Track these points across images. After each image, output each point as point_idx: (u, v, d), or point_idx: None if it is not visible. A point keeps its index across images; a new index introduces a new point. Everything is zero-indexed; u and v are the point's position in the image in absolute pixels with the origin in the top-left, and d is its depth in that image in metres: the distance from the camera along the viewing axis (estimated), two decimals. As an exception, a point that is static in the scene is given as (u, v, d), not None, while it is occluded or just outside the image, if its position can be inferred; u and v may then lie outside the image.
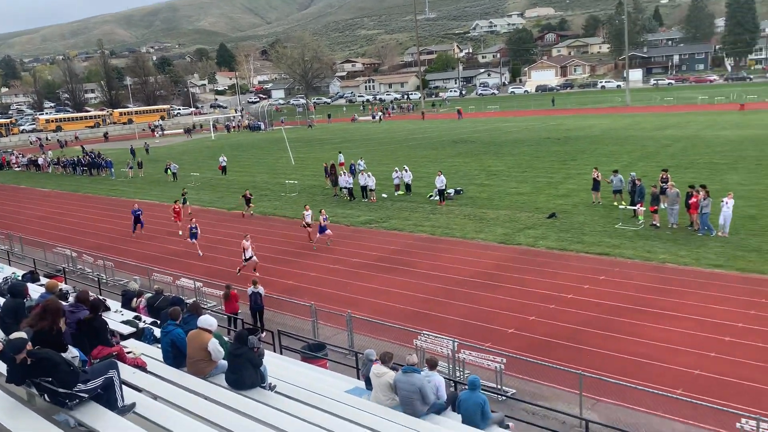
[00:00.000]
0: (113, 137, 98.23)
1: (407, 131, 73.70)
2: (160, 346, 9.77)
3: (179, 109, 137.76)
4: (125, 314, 13.17)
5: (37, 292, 12.09)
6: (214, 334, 8.92)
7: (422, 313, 17.70)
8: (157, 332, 10.96)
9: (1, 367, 7.41)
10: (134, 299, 15.25)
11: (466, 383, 9.81)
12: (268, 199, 36.95)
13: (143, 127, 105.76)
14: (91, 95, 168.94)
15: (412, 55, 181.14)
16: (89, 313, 8.75)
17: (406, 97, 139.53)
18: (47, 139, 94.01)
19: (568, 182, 34.63)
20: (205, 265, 24.01)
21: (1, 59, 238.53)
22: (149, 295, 15.32)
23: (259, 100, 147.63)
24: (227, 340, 9.79)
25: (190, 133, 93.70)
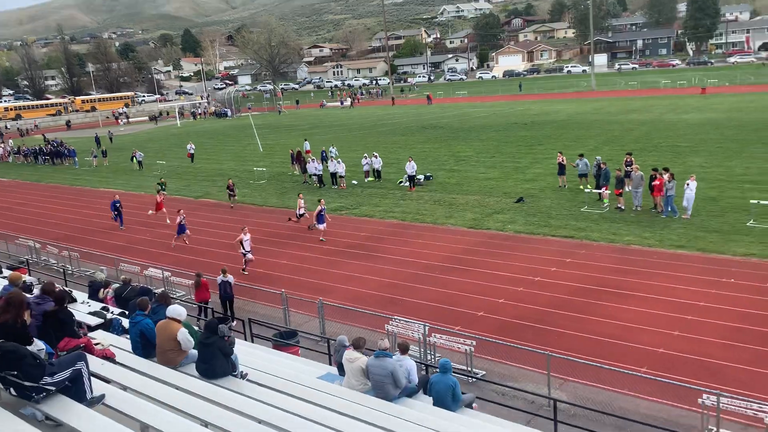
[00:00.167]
0: (76, 125, 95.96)
1: (377, 117, 73.56)
2: (128, 336, 9.67)
3: (144, 96, 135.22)
4: (92, 305, 12.96)
5: (-1, 284, 11.83)
6: (183, 323, 8.86)
7: (394, 298, 17.81)
8: (125, 323, 10.83)
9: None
10: (101, 290, 15.01)
11: (437, 366, 9.93)
12: (236, 186, 36.54)
13: (107, 114, 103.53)
14: (51, 82, 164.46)
15: (380, 40, 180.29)
16: (54, 304, 8.60)
17: (374, 82, 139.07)
18: (6, 127, 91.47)
19: (535, 167, 35.03)
20: (173, 254, 23.75)
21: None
22: (117, 285, 15.09)
23: (225, 86, 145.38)
24: (197, 329, 9.73)
25: (156, 120, 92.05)
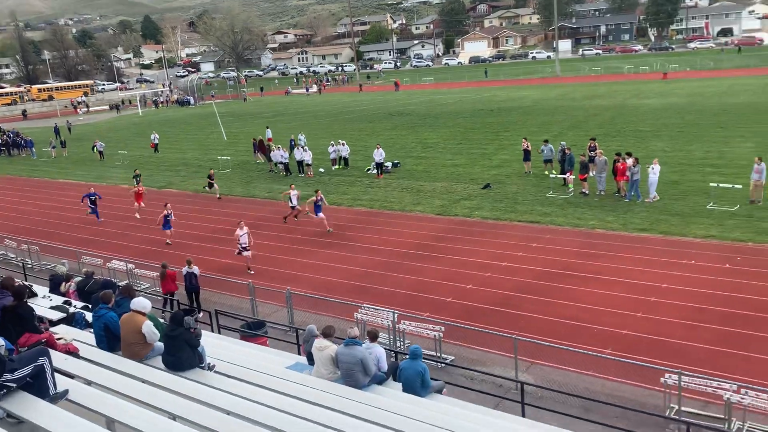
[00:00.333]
0: (32, 115, 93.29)
1: (343, 104, 73.18)
2: (92, 330, 9.49)
3: (103, 84, 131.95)
4: (54, 299, 12.69)
5: (-45, 280, 11.47)
6: (148, 316, 8.73)
7: (363, 286, 17.81)
8: (88, 317, 10.64)
9: None
10: (63, 284, 14.68)
11: (407, 353, 9.97)
12: (200, 176, 36.05)
13: (65, 104, 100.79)
14: (5, 71, 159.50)
15: (345, 26, 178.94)
16: (13, 299, 8.40)
17: (340, 69, 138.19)
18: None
19: (501, 153, 35.30)
20: (136, 246, 23.33)
21: None
22: (79, 278, 14.77)
23: (187, 73, 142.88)
24: (162, 321, 9.60)
25: (118, 109, 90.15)
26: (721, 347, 12.93)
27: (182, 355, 8.34)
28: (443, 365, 13.05)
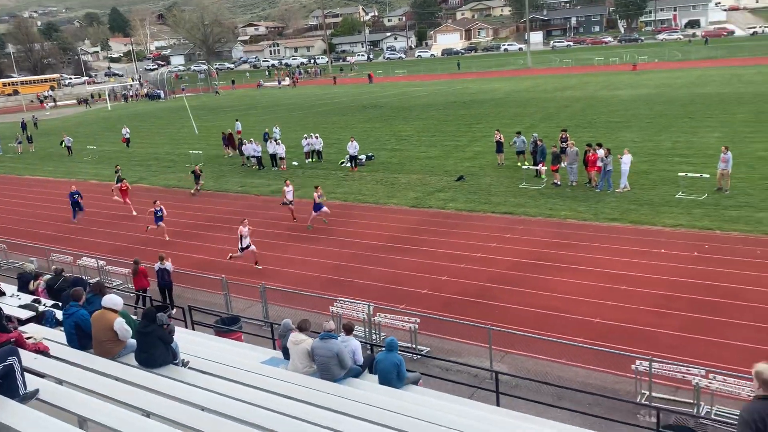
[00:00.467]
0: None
1: (316, 97, 72.80)
2: (63, 329, 9.34)
3: (70, 78, 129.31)
4: (23, 298, 12.46)
5: None
6: (120, 313, 8.62)
7: (338, 280, 17.79)
8: (59, 315, 10.46)
9: None
10: (32, 282, 14.39)
11: (383, 345, 10.00)
12: (172, 171, 35.67)
13: (31, 98, 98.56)
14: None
15: (317, 18, 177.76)
16: (-20, 299, 8.22)
17: (312, 61, 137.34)
18: None
19: (474, 145, 35.48)
20: (107, 242, 22.98)
21: None
22: (48, 276, 14.51)
23: (157, 67, 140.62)
24: (135, 318, 9.48)
25: (88, 103, 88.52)
26: (690, 333, 13.21)
27: (155, 351, 8.26)
28: (419, 357, 13.12)
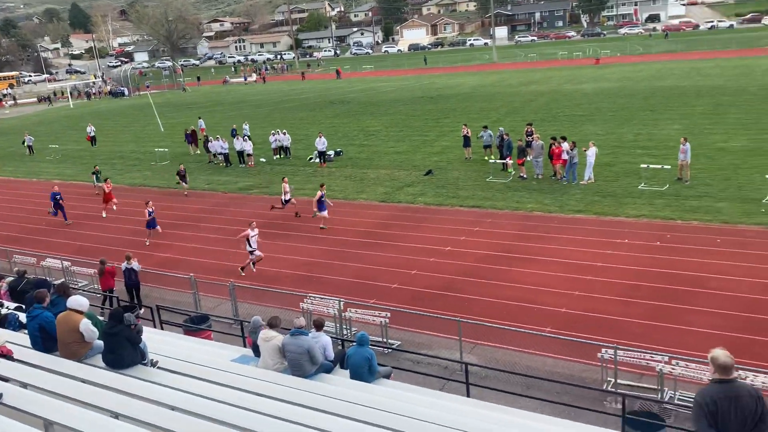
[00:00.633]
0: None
1: (283, 93, 72.29)
2: (26, 331, 9.17)
3: (30, 75, 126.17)
4: (-16, 302, 12.18)
5: None
6: (86, 314, 8.50)
7: (308, 276, 17.76)
8: (22, 317, 10.27)
9: None
10: (-7, 285, 14.09)
11: (354, 340, 10.04)
12: (137, 169, 35.12)
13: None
14: None
15: (283, 13, 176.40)
16: (-60, 303, 8.03)
17: (279, 57, 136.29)
18: None
19: (442, 139, 35.69)
20: (72, 243, 22.55)
21: None
22: (11, 278, 14.22)
23: (120, 64, 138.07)
24: (102, 319, 9.36)
25: (50, 101, 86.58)
26: (653, 321, 13.53)
27: (123, 352, 8.17)
28: (390, 351, 13.20)
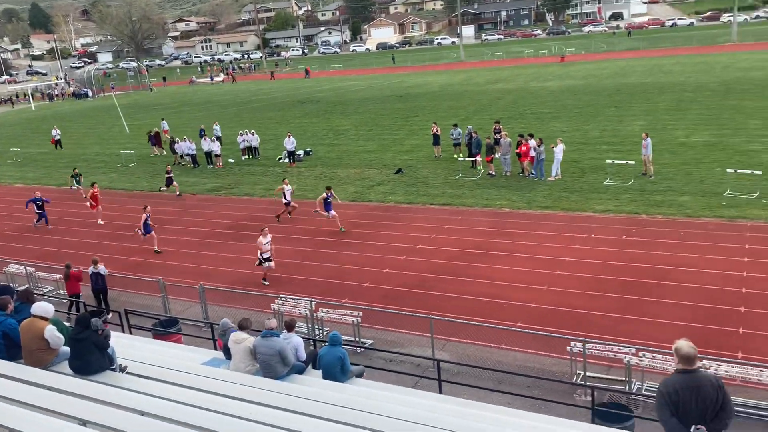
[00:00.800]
0: None
1: (251, 92, 71.71)
2: (-11, 340, 8.94)
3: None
4: (-56, 310, 11.82)
5: None
6: (51, 320, 8.31)
7: (279, 277, 17.66)
8: (-16, 326, 9.98)
9: None
10: (-47, 293, 13.70)
11: (326, 340, 10.02)
12: (103, 172, 34.49)
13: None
14: None
15: (249, 13, 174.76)
16: None
17: (246, 56, 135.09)
18: None
19: (411, 138, 35.80)
20: (36, 248, 22.05)
21: None
22: (-29, 286, 13.83)
23: (84, 64, 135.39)
24: (68, 325, 9.17)
25: (12, 103, 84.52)
26: (621, 314, 13.79)
27: (90, 358, 8.02)
28: (362, 350, 13.22)
